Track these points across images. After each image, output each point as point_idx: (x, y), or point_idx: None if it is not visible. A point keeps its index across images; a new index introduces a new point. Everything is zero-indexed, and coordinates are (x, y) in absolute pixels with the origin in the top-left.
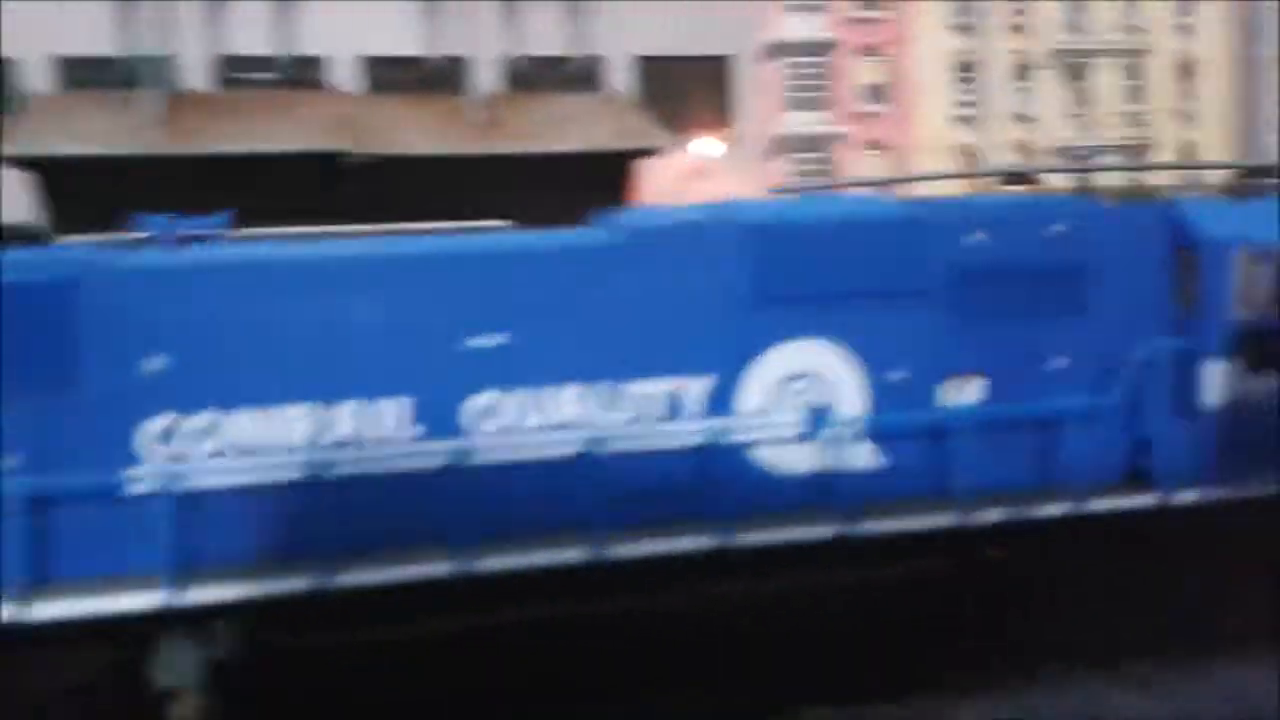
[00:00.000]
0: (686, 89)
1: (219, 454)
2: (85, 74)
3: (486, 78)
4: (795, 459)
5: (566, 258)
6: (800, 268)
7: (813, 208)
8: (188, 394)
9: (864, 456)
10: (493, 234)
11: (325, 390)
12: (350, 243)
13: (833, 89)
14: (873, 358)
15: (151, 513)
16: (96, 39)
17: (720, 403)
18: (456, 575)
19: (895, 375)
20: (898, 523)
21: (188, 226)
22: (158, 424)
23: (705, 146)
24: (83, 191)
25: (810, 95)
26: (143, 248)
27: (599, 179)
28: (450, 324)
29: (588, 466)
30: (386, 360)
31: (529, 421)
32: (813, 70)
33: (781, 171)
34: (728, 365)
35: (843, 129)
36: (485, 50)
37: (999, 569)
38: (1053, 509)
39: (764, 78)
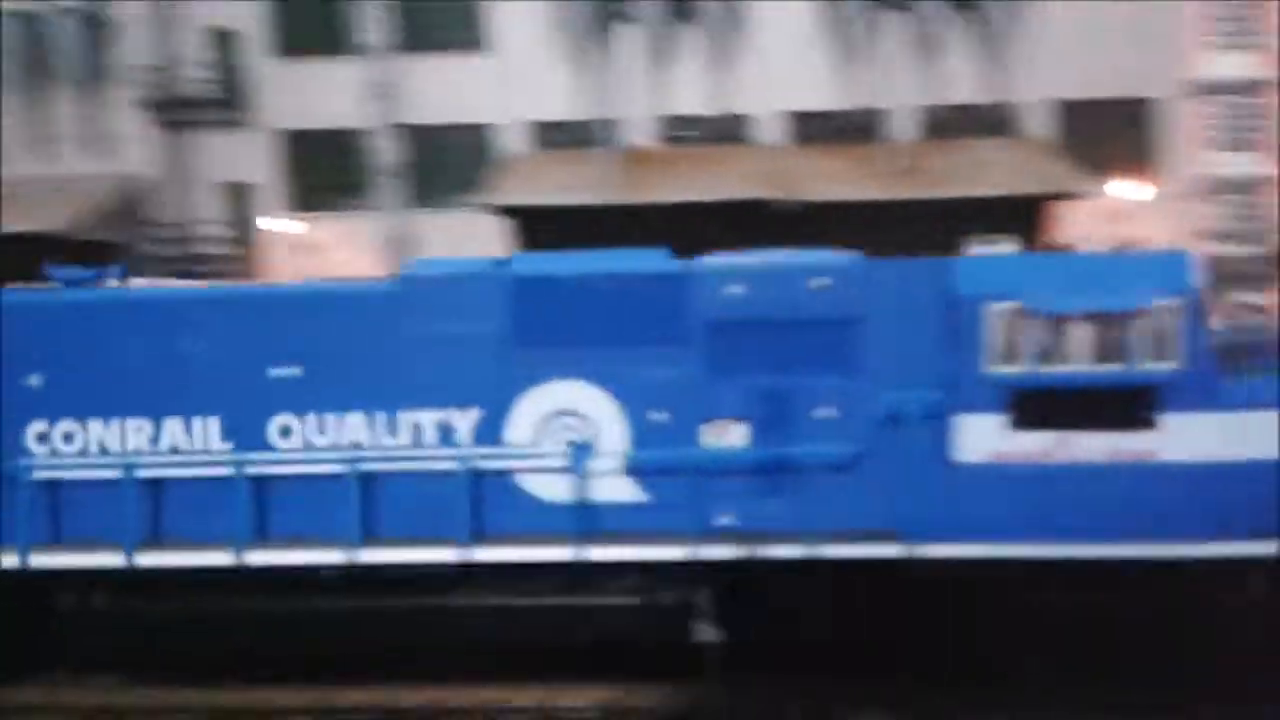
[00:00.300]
0: (1106, 132)
1: (82, 453)
2: (552, 136)
3: (902, 126)
4: (553, 487)
5: (354, 303)
6: (563, 316)
7: (584, 262)
8: (57, 406)
9: (620, 489)
10: (298, 282)
11: (156, 407)
12: (183, 287)
13: (1264, 129)
14: (633, 399)
15: (23, 496)
16: (563, 105)
17: (488, 433)
18: (234, 566)
19: (655, 416)
20: (629, 551)
21: (79, 274)
22: (36, 428)
23: (1126, 190)
24: (551, 236)
25: (1239, 135)
26: (30, 289)
27: (1014, 222)
28: (256, 357)
29: (350, 482)
30: (204, 385)
31: (318, 442)
32: (1243, 110)
33: (1207, 214)
34: (495, 400)
35: (1275, 171)
36: (901, 99)
37: (744, 608)
38: (785, 551)
39: (1189, 118)
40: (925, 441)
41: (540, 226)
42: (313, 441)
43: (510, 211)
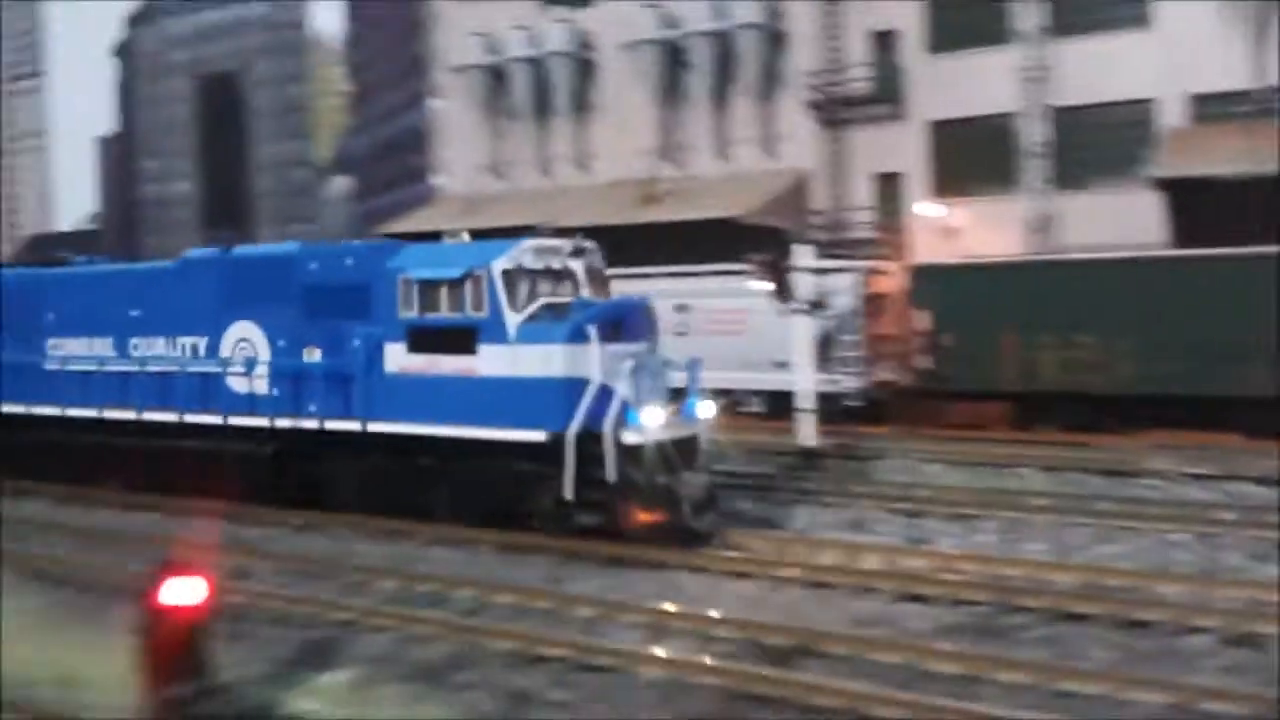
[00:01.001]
0: None
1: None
2: (1214, 109)
3: None
4: (241, 383)
5: (157, 275)
6: (244, 282)
7: (254, 250)
8: (55, 331)
9: (267, 385)
10: (141, 263)
11: (105, 329)
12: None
13: None
14: (272, 333)
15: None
16: (1228, 76)
17: (212, 351)
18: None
19: (281, 343)
20: (251, 421)
21: None
22: (57, 344)
23: None
24: (1214, 208)
25: None
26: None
27: None
28: (122, 303)
29: (144, 375)
30: (101, 320)
31: (149, 353)
32: None
33: None
34: (215, 331)
35: None
36: None
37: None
38: (309, 424)
39: None
40: (375, 361)
41: (1201, 199)
42: (148, 353)
43: (1172, 185)
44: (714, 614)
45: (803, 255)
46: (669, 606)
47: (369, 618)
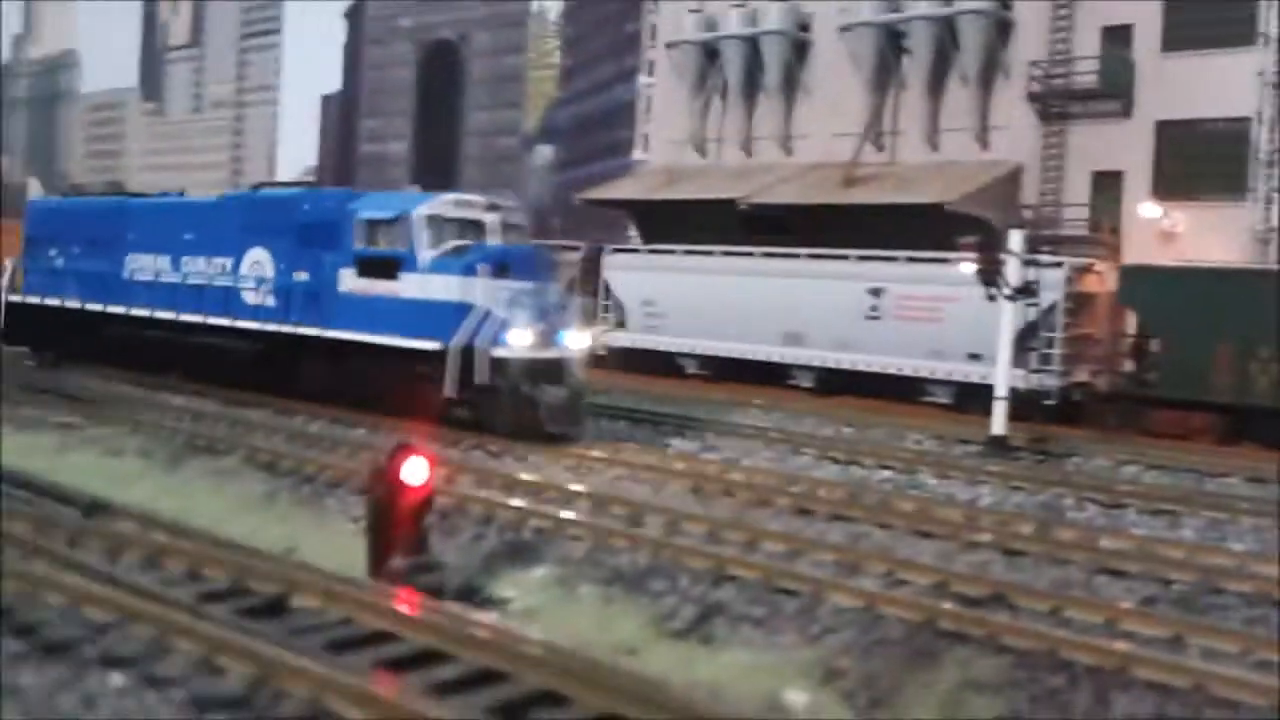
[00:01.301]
0: None
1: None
2: None
3: None
4: (251, 295)
5: (204, 207)
6: (253, 215)
7: (270, 192)
8: (136, 247)
9: (266, 298)
10: (187, 197)
11: (166, 248)
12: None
13: None
14: (277, 257)
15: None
16: None
17: (234, 269)
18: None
19: (282, 266)
20: (251, 324)
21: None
22: (132, 258)
23: None
24: None
25: None
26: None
27: None
28: (180, 228)
29: (187, 285)
30: (168, 239)
31: (191, 268)
32: None
33: None
34: (237, 254)
35: None
36: None
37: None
38: (288, 329)
39: None
40: (331, 281)
41: None
42: (192, 268)
43: None
44: (915, 560)
45: (1015, 239)
46: (858, 546)
47: (567, 528)
